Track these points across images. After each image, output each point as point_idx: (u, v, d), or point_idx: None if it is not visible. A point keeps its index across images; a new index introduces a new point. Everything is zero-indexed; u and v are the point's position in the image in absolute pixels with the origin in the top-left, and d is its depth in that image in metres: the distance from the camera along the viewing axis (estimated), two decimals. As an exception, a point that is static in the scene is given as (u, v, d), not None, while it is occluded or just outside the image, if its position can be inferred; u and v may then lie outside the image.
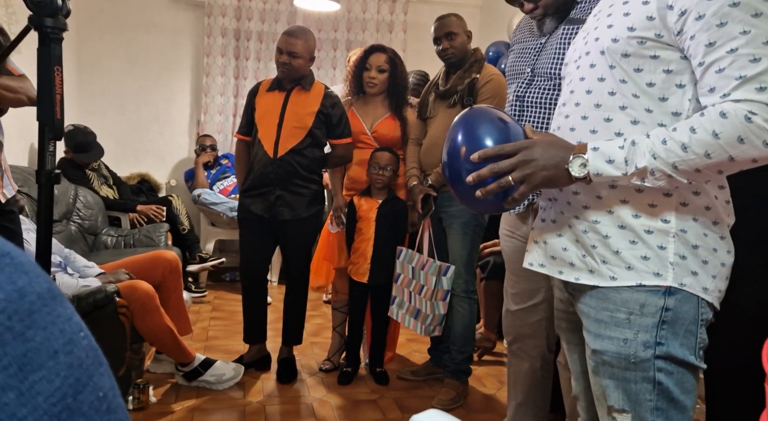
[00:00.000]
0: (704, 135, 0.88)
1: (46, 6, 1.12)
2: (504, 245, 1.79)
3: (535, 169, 0.98)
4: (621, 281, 1.01)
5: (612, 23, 1.01)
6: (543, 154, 0.98)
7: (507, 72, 1.73)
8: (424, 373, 2.77)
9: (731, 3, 0.86)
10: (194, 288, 3.90)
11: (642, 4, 0.96)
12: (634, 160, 0.93)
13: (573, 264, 1.08)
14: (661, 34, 0.94)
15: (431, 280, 2.41)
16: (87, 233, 3.45)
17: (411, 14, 4.87)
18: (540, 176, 0.99)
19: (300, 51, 2.52)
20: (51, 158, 1.13)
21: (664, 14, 0.93)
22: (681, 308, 0.98)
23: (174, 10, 4.63)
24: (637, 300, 1.00)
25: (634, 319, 1.00)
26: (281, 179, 2.56)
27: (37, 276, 0.29)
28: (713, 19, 0.87)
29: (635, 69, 0.97)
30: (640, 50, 0.96)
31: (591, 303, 1.06)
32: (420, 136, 2.60)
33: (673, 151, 0.90)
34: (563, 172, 0.98)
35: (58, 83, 1.10)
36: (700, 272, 0.99)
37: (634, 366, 1.00)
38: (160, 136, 4.71)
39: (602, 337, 1.03)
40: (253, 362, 2.73)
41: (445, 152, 1.11)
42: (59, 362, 0.27)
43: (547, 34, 1.61)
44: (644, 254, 0.99)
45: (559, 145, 1.00)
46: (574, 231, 1.07)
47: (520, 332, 1.78)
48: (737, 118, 0.86)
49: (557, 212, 1.12)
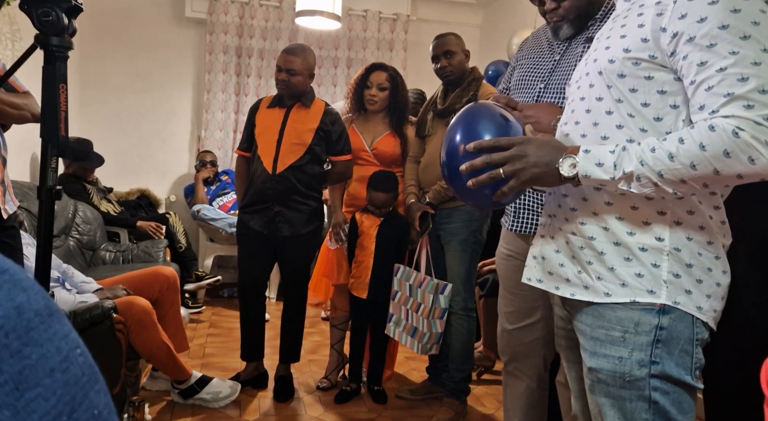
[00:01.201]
0: (691, 146, 0.89)
1: (53, 25, 1.14)
2: (500, 263, 1.78)
3: (526, 165, 1.00)
4: (615, 297, 1.02)
5: (609, 45, 1.03)
6: (536, 152, 1.00)
7: (513, 86, 1.73)
8: (422, 392, 2.75)
9: (720, 25, 0.88)
10: (191, 304, 3.88)
11: (637, 27, 0.99)
12: (623, 165, 0.94)
13: (569, 280, 1.09)
14: (655, 55, 0.96)
15: (428, 298, 2.40)
16: (85, 248, 3.45)
17: (411, 33, 4.92)
18: (530, 172, 1.01)
19: (298, 68, 2.54)
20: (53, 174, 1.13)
21: (657, 36, 0.95)
22: (675, 327, 0.99)
23: (176, 27, 4.68)
24: (631, 318, 1.00)
25: (628, 337, 1.00)
26: (280, 195, 2.56)
27: (35, 293, 0.29)
28: (704, 41, 0.90)
29: (630, 89, 0.99)
30: (634, 71, 0.98)
31: (587, 321, 1.06)
32: (418, 153, 2.61)
33: (660, 160, 0.91)
34: (553, 170, 1.00)
35: (63, 101, 1.12)
36: (695, 291, 0.99)
37: (630, 385, 1.00)
38: (161, 151, 4.73)
39: (598, 355, 1.04)
40: (249, 379, 2.70)
41: (444, 149, 1.12)
42: (55, 379, 0.27)
43: (562, 40, 1.60)
44: (638, 271, 1.00)
45: (552, 145, 1.02)
46: (571, 247, 1.08)
47: (516, 352, 1.77)
48: (725, 132, 0.87)
49: (555, 227, 1.13)
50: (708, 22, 0.89)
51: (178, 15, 4.63)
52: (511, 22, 4.42)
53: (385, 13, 4.85)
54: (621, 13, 1.08)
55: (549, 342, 1.73)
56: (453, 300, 2.45)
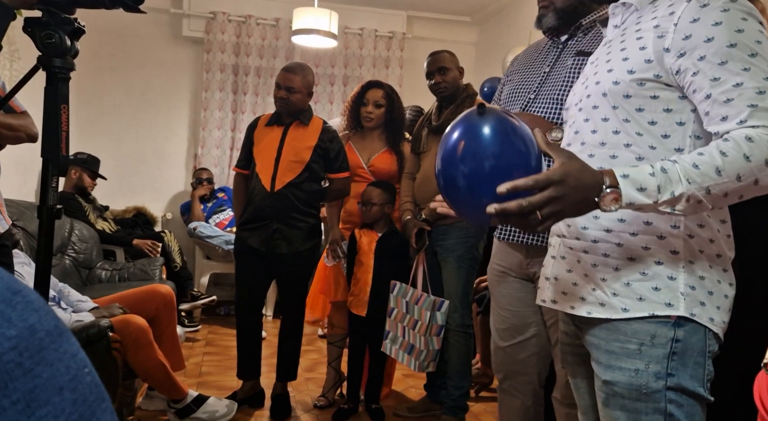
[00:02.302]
0: (737, 158, 0.89)
1: (56, 47, 1.15)
2: (492, 279, 1.77)
3: (565, 207, 0.90)
4: (633, 312, 1.02)
5: (612, 68, 1.06)
6: (574, 189, 0.90)
7: (504, 99, 1.75)
8: (420, 409, 2.73)
9: (729, 44, 0.93)
10: (187, 322, 3.86)
11: (639, 50, 1.02)
12: (669, 188, 0.91)
13: (584, 298, 1.09)
14: (660, 74, 0.99)
15: (425, 315, 2.40)
16: (81, 266, 3.43)
17: (407, 50, 4.97)
18: (569, 212, 0.93)
19: (297, 86, 2.57)
20: (54, 194, 1.14)
21: (661, 57, 0.99)
22: (690, 340, 1.00)
23: (174, 46, 4.72)
24: (647, 331, 1.01)
25: (645, 350, 1.01)
26: (278, 213, 2.57)
27: (46, 313, 0.29)
28: (715, 58, 0.94)
29: (637, 109, 1.02)
30: (640, 91, 1.01)
31: (601, 334, 1.07)
32: (414, 170, 2.63)
33: (708, 175, 0.90)
34: (593, 205, 0.92)
35: (64, 121, 1.13)
36: (707, 303, 1.01)
37: (646, 397, 1.01)
38: (157, 169, 4.74)
39: (613, 368, 1.04)
40: (246, 398, 2.69)
41: (440, 156, 0.99)
42: (64, 398, 0.28)
43: (544, 29, 1.63)
44: (655, 284, 1.01)
45: (587, 172, 0.92)
46: (583, 265, 1.09)
47: (511, 369, 1.76)
48: (763, 141, 0.89)
49: (566, 247, 1.13)
50: (716, 41, 0.94)
51: (175, 33, 4.68)
52: (506, 40, 4.48)
53: (381, 31, 4.90)
54: (614, 39, 1.11)
55: (543, 358, 1.73)
56: (450, 317, 2.45)
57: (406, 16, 4.98)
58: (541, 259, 1.60)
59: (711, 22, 0.94)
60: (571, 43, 1.63)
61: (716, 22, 0.94)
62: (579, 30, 1.62)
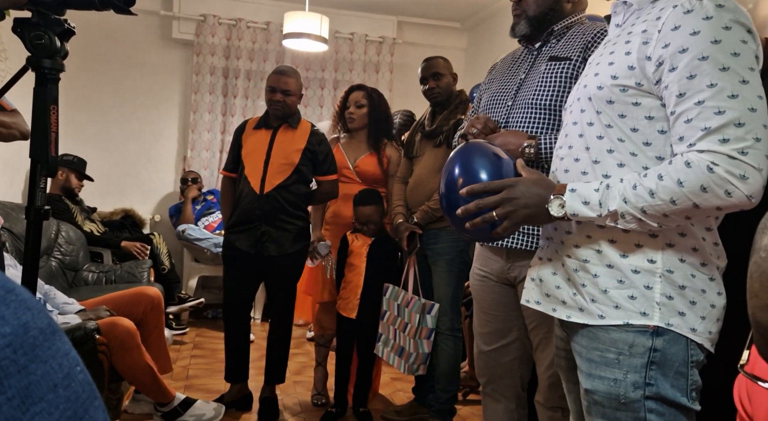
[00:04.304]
0: (670, 183, 0.92)
1: (45, 48, 1.15)
2: (474, 283, 1.78)
3: (517, 207, 1.05)
4: (609, 319, 1.02)
5: (598, 72, 1.06)
6: (525, 193, 1.05)
7: (483, 107, 1.78)
8: (408, 413, 2.73)
9: (701, 56, 0.90)
10: (175, 325, 3.83)
11: (624, 55, 1.01)
12: (607, 204, 0.98)
13: (565, 302, 1.10)
14: (641, 82, 0.99)
15: (415, 318, 2.41)
16: (67, 268, 3.40)
17: (397, 55, 4.99)
18: (521, 214, 1.05)
19: (293, 89, 2.59)
20: (42, 195, 1.14)
21: (643, 64, 0.98)
22: (669, 350, 0.99)
23: (163, 48, 4.70)
24: (625, 340, 1.01)
25: (623, 359, 1.01)
26: (267, 215, 2.57)
27: (39, 312, 0.30)
28: (684, 71, 0.92)
29: (619, 115, 1.02)
30: (622, 97, 1.01)
31: (582, 342, 1.07)
32: (406, 174, 2.64)
33: (642, 197, 0.95)
34: (543, 210, 1.04)
35: (54, 122, 1.12)
36: (688, 313, 1.00)
37: (625, 406, 1.00)
38: (146, 171, 4.72)
39: (593, 376, 1.04)
40: (234, 401, 2.67)
41: (443, 183, 1.18)
42: (58, 395, 0.28)
43: (518, 37, 1.68)
44: (631, 293, 1.01)
45: (542, 184, 1.06)
46: (566, 269, 1.10)
47: (494, 373, 1.77)
48: (700, 168, 0.90)
49: (553, 250, 1.14)
50: (689, 52, 0.91)
51: (165, 36, 4.66)
52: (495, 46, 4.51)
53: (371, 36, 4.92)
54: (612, 39, 1.11)
55: (525, 362, 1.74)
56: (440, 320, 2.45)
57: (397, 22, 5.00)
58: (522, 263, 1.62)
59: (690, 30, 0.92)
60: (544, 50, 1.66)
61: (694, 31, 0.91)
62: (552, 36, 1.65)
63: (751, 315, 0.64)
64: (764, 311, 0.62)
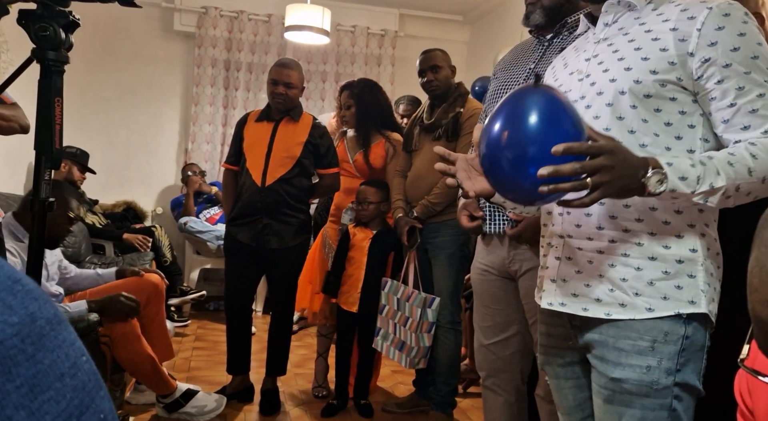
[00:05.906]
0: (765, 161, 0.96)
1: (50, 40, 1.15)
2: (475, 277, 1.78)
3: (613, 178, 0.91)
4: (659, 311, 1.03)
5: (630, 66, 1.05)
6: (624, 163, 0.92)
7: (489, 96, 1.77)
8: (409, 405, 2.75)
9: (752, 55, 0.98)
10: (177, 317, 3.85)
11: (660, 51, 1.03)
12: (708, 180, 0.94)
13: (600, 300, 1.08)
14: (681, 77, 1.02)
15: (416, 312, 2.42)
16: (70, 260, 3.39)
17: (399, 49, 4.98)
18: (617, 185, 0.92)
19: (296, 82, 2.59)
20: (46, 187, 1.14)
21: (684, 60, 1.01)
22: (696, 336, 1.04)
23: (165, 40, 4.69)
24: (661, 328, 1.03)
25: (657, 347, 1.03)
26: (269, 208, 2.57)
27: (45, 302, 0.30)
28: (740, 68, 0.98)
29: (655, 109, 1.04)
30: (661, 92, 1.03)
31: (609, 332, 1.07)
32: (405, 168, 2.64)
33: (740, 174, 0.95)
34: (638, 184, 0.93)
35: (58, 114, 1.13)
36: (716, 299, 1.06)
37: (656, 393, 1.03)
38: (147, 164, 4.72)
39: (623, 365, 1.05)
40: (235, 393, 2.69)
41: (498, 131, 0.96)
42: (65, 384, 0.29)
43: (531, 26, 1.67)
44: (678, 283, 1.03)
45: (633, 154, 0.95)
46: (597, 266, 1.08)
47: (494, 367, 1.78)
48: None
49: (573, 248, 1.12)
50: (741, 51, 0.98)
51: (167, 28, 4.65)
52: (498, 39, 4.50)
53: (373, 29, 4.91)
54: (610, 37, 1.11)
55: (525, 356, 1.75)
56: (440, 314, 2.46)
57: (399, 14, 4.98)
58: (523, 255, 1.62)
59: (736, 32, 0.99)
60: (556, 42, 1.65)
61: (741, 32, 0.99)
62: (564, 28, 1.64)
63: (751, 310, 0.65)
64: (764, 306, 0.62)
